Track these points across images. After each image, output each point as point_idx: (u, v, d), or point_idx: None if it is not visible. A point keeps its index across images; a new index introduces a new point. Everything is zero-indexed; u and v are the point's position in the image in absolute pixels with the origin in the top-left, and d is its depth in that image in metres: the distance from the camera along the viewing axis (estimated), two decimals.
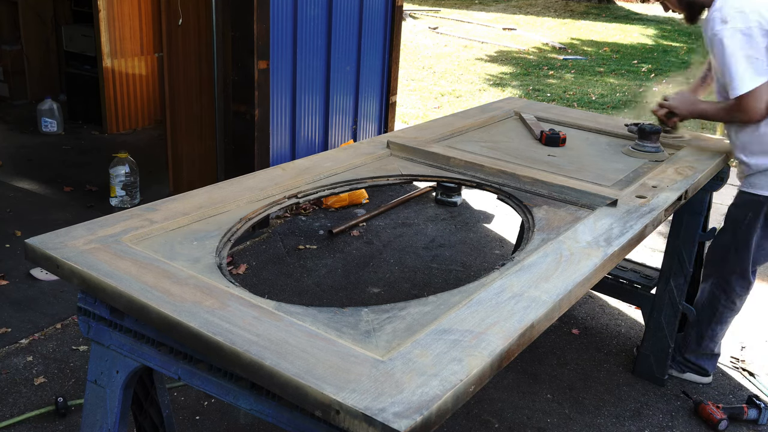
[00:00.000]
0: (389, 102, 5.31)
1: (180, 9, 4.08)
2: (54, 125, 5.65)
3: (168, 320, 1.29)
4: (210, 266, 1.52)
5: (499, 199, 2.16)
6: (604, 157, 2.61)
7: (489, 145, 2.63)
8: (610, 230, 1.85)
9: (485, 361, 1.21)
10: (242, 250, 3.90)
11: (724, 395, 2.92)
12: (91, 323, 1.53)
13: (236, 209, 1.85)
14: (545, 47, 12.00)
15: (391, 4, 5.05)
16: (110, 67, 5.61)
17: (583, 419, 2.71)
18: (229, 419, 2.56)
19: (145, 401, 1.76)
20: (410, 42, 11.56)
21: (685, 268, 2.85)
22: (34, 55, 6.31)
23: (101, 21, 5.43)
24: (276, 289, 3.49)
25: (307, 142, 4.60)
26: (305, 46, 4.33)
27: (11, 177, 4.70)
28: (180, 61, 4.24)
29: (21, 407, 2.53)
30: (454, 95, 8.35)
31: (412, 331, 1.30)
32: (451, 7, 16.52)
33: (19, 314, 3.10)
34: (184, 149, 4.44)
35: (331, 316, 1.35)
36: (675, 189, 2.21)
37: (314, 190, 2.07)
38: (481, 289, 1.47)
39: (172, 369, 1.42)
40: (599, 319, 3.46)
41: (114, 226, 1.65)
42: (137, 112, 5.98)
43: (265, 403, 1.27)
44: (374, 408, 1.06)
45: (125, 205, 4.31)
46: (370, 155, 2.37)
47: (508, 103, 3.37)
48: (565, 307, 1.52)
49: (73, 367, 2.79)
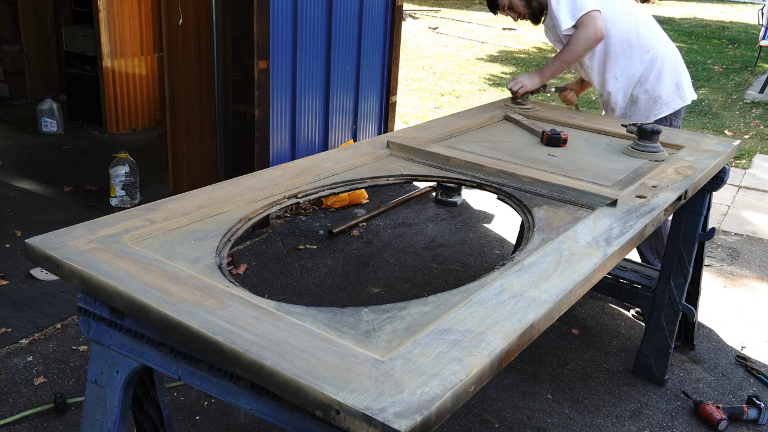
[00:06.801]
0: (389, 102, 5.31)
1: (180, 9, 4.08)
2: (54, 125, 5.65)
3: (168, 320, 1.29)
4: (210, 266, 1.52)
5: (499, 199, 2.16)
6: (603, 157, 2.61)
7: (489, 145, 2.63)
8: (610, 230, 1.85)
9: (485, 361, 1.21)
10: (242, 250, 3.90)
11: (724, 395, 2.92)
12: (91, 323, 1.53)
13: (236, 209, 1.85)
14: (545, 47, 12.00)
15: (391, 4, 5.05)
16: (110, 67, 5.61)
17: (583, 419, 2.71)
18: (229, 419, 2.56)
19: (145, 401, 1.76)
20: (410, 42, 11.56)
21: (685, 268, 2.85)
22: (34, 55, 6.31)
23: (101, 21, 5.43)
24: (276, 289, 3.49)
25: (307, 142, 4.60)
26: (305, 46, 4.33)
27: (11, 177, 4.70)
28: (180, 61, 4.24)
29: (21, 407, 2.53)
30: (454, 95, 8.34)
31: (412, 331, 1.30)
32: (451, 7, 16.52)
33: (19, 314, 3.10)
34: (184, 149, 4.44)
35: (332, 316, 1.35)
36: (675, 189, 2.21)
37: (314, 190, 2.07)
38: (481, 289, 1.47)
39: (172, 369, 1.42)
40: (599, 319, 3.46)
41: (114, 226, 1.65)
42: (137, 112, 5.98)
43: (265, 403, 1.27)
44: (374, 408, 1.06)
45: (125, 205, 4.31)
46: (370, 155, 2.37)
47: (508, 103, 3.36)
48: (565, 307, 1.52)
49: (73, 367, 2.79)
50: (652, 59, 3.16)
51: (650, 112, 3.21)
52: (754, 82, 9.83)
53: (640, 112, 3.23)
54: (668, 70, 3.18)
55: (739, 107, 8.37)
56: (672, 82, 3.19)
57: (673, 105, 3.20)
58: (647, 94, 3.19)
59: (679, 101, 3.21)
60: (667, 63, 3.18)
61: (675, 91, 3.19)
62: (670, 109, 3.20)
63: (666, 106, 3.19)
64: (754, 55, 11.42)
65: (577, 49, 3.04)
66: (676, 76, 3.20)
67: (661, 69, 3.16)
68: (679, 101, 3.21)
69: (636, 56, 3.16)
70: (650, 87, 3.18)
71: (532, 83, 3.18)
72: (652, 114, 3.20)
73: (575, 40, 3.02)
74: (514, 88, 3.20)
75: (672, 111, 3.21)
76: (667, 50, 3.21)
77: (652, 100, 3.19)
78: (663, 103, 3.19)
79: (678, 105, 3.21)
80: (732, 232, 4.60)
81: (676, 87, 3.19)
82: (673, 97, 3.19)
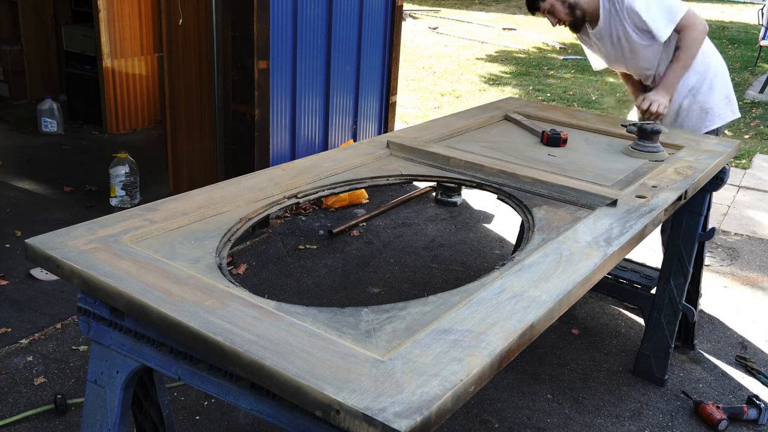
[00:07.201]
0: (389, 102, 5.31)
1: (180, 9, 4.08)
2: (54, 125, 5.65)
3: (168, 320, 1.29)
4: (210, 266, 1.52)
5: (499, 199, 2.16)
6: (603, 157, 2.61)
7: (489, 145, 2.63)
8: (610, 230, 1.85)
9: (485, 361, 1.21)
10: (242, 250, 3.90)
11: (724, 395, 2.92)
12: (91, 323, 1.53)
13: (236, 209, 1.85)
14: (545, 47, 12.00)
15: (391, 4, 5.05)
16: (110, 67, 5.61)
17: (583, 419, 2.71)
18: (229, 419, 2.56)
19: (145, 401, 1.76)
20: (410, 42, 11.56)
21: (685, 268, 2.85)
22: (34, 55, 6.31)
23: (101, 21, 5.43)
24: (276, 289, 3.49)
25: (307, 142, 4.60)
26: (305, 46, 4.33)
27: (11, 177, 4.70)
28: (180, 61, 4.24)
29: (21, 407, 2.53)
30: (454, 95, 8.35)
31: (412, 331, 1.30)
32: (451, 7, 16.53)
33: (19, 314, 3.10)
34: (184, 149, 4.44)
35: (332, 316, 1.35)
36: (675, 189, 2.21)
37: (314, 190, 2.07)
38: (481, 289, 1.47)
39: (172, 369, 1.42)
40: (599, 319, 3.46)
41: (114, 226, 1.65)
42: (137, 112, 5.98)
43: (265, 403, 1.27)
44: (374, 408, 1.06)
45: (125, 205, 4.31)
46: (370, 155, 2.37)
47: (508, 103, 3.37)
48: (565, 307, 1.52)
49: (73, 367, 2.79)
50: (706, 70, 3.06)
51: (701, 123, 3.11)
52: (754, 82, 9.83)
53: (691, 122, 3.12)
54: (720, 82, 3.10)
55: (739, 107, 8.37)
56: (723, 94, 3.10)
57: (725, 117, 3.12)
58: (699, 105, 3.10)
59: (730, 114, 3.13)
60: (719, 75, 3.10)
61: (726, 103, 3.11)
62: (722, 122, 3.11)
63: (718, 118, 3.10)
64: (754, 55, 11.42)
65: (693, 50, 2.91)
66: (727, 89, 3.12)
67: (713, 80, 3.08)
68: (730, 114, 3.13)
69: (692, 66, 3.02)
70: (702, 98, 3.08)
71: (666, 101, 2.93)
72: (703, 126, 3.10)
73: (688, 43, 2.89)
74: (652, 108, 2.91)
75: (723, 123, 3.12)
76: (719, 62, 3.13)
77: (704, 112, 3.09)
78: (715, 114, 3.09)
79: (729, 118, 3.13)
80: (732, 232, 4.60)
81: (726, 99, 3.11)
82: (724, 109, 3.11)
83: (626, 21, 2.94)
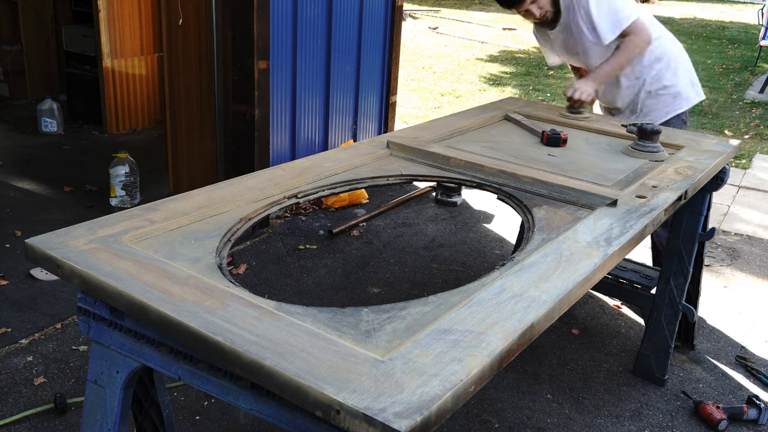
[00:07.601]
0: (389, 102, 5.31)
1: (180, 9, 4.08)
2: (54, 125, 5.65)
3: (168, 320, 1.29)
4: (210, 266, 1.52)
5: (499, 199, 2.16)
6: (603, 157, 2.61)
7: (489, 145, 2.63)
8: (610, 230, 1.85)
9: (485, 361, 1.21)
10: (242, 250, 3.90)
11: (724, 395, 2.92)
12: (91, 323, 1.53)
13: (236, 209, 1.85)
14: None
15: (391, 4, 5.05)
16: (110, 67, 5.61)
17: (583, 419, 2.71)
18: (229, 419, 2.56)
19: (145, 401, 1.76)
20: (410, 42, 11.56)
21: (685, 268, 2.85)
22: (34, 55, 6.31)
23: (101, 21, 5.43)
24: (276, 289, 3.49)
25: (307, 142, 4.60)
26: (305, 46, 4.33)
27: (11, 177, 4.70)
28: (180, 61, 4.24)
29: (21, 407, 2.53)
30: (454, 95, 8.35)
31: (412, 331, 1.30)
32: (451, 7, 16.53)
33: (19, 314, 3.10)
34: (184, 149, 4.44)
35: (332, 316, 1.35)
36: (675, 189, 2.21)
37: (314, 190, 2.07)
38: (481, 289, 1.47)
39: (172, 369, 1.42)
40: (599, 319, 3.46)
41: (114, 226, 1.65)
42: (137, 112, 5.99)
43: (265, 403, 1.27)
44: (374, 408, 1.06)
45: (125, 205, 4.31)
46: (370, 155, 2.37)
47: (508, 103, 3.36)
48: (565, 307, 1.52)
49: (73, 367, 2.79)
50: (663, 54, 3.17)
51: (671, 107, 3.21)
52: (754, 82, 9.83)
53: (659, 107, 3.22)
54: (682, 66, 3.21)
55: (739, 107, 8.37)
56: (687, 78, 3.23)
57: (691, 100, 3.23)
58: (666, 90, 3.20)
59: (695, 96, 3.24)
60: (680, 60, 3.22)
61: (691, 86, 3.23)
62: (689, 104, 3.23)
63: (686, 101, 3.22)
64: (754, 55, 11.43)
65: (632, 54, 3.04)
66: (690, 73, 3.25)
67: (676, 65, 3.19)
68: (695, 96, 3.25)
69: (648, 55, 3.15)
70: (668, 83, 3.18)
71: (591, 89, 3.07)
72: (672, 109, 3.21)
73: (630, 47, 3.02)
74: (576, 96, 3.05)
75: (690, 105, 3.24)
76: (677, 48, 3.25)
77: (672, 96, 3.20)
78: (683, 98, 3.21)
79: (695, 100, 3.25)
80: (732, 232, 4.60)
81: (691, 83, 3.23)
82: (690, 92, 3.23)
83: (580, 17, 3.04)
